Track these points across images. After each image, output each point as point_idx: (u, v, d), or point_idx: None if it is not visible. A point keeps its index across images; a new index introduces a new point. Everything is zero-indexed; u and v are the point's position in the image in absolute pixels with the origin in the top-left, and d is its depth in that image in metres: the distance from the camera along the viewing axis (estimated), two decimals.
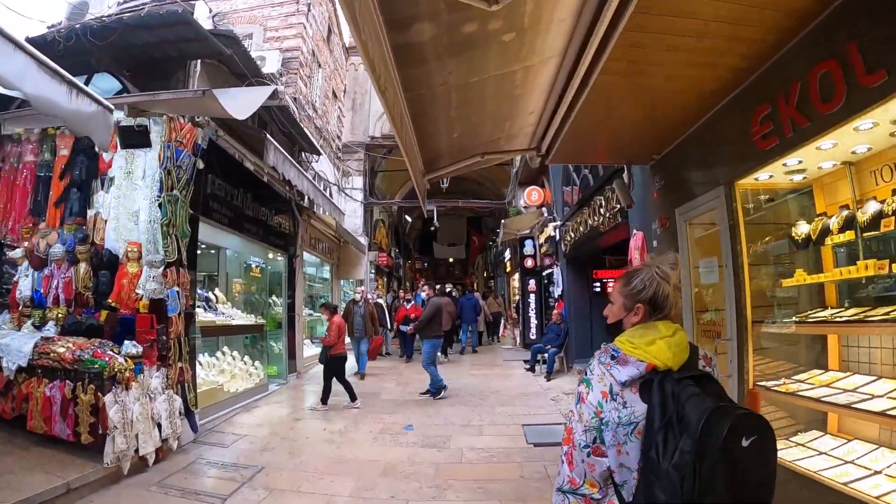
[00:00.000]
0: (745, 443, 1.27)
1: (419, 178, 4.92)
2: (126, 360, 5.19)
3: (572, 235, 9.99)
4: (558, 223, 11.49)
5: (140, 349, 5.39)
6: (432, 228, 22.04)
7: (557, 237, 11.61)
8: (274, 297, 10.94)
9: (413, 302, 13.09)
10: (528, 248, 15.60)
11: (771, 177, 4.34)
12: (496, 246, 26.69)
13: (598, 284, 9.93)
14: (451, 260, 34.50)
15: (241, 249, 9.25)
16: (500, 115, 4.46)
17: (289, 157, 7.03)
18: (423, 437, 6.04)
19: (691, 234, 5.11)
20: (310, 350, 12.29)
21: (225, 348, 8.72)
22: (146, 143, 5.17)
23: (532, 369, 10.76)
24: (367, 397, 8.08)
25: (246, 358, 8.97)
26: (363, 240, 16.22)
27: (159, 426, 5.44)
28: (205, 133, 6.60)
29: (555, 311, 10.97)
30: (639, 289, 1.60)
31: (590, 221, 8.28)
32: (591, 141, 5.11)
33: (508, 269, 22.89)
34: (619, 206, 6.82)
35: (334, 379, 7.75)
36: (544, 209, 13.07)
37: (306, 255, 12.66)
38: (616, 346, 1.54)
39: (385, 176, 22.35)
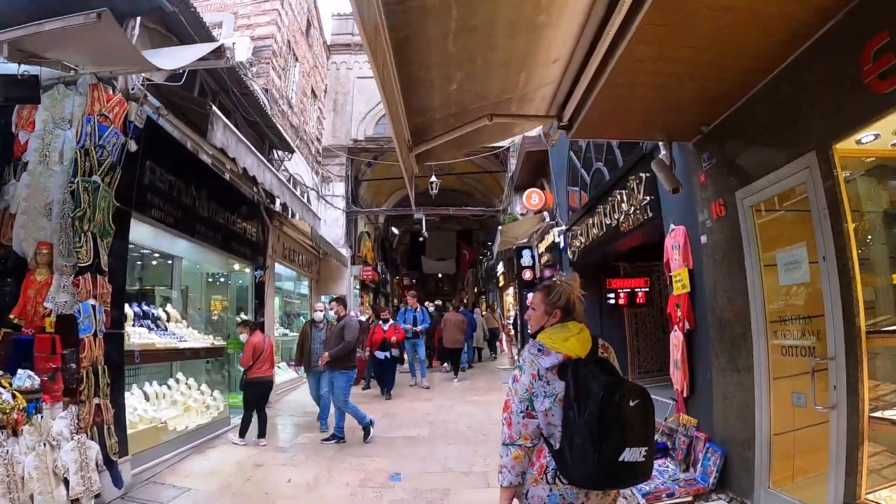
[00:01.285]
0: (632, 403, 1.96)
1: (405, 153, 3.76)
2: (15, 397, 3.95)
3: (581, 241, 8.88)
4: (563, 228, 10.39)
5: (37, 381, 4.14)
6: (420, 239, 20.92)
7: (562, 244, 10.49)
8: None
9: (392, 322, 10.74)
10: (526, 258, 14.56)
11: (877, 137, 3.30)
12: (488, 259, 25.74)
13: (612, 295, 8.78)
14: (440, 275, 33.37)
15: (198, 258, 8.02)
16: (515, 58, 3.33)
17: (244, 140, 5.85)
18: (413, 492, 4.77)
19: (760, 222, 4.01)
20: (284, 375, 11.03)
21: (179, 375, 7.46)
22: (34, 98, 4.02)
23: None
24: (346, 433, 6.83)
25: (203, 386, 7.70)
26: (345, 252, 15.01)
27: (67, 482, 4.19)
28: (141, 110, 5.44)
29: None
30: (556, 299, 2.27)
31: (606, 221, 7.17)
32: (626, 107, 4.01)
33: (502, 284, 21.82)
34: (648, 197, 5.73)
35: (266, 408, 6.92)
36: (545, 213, 11.98)
37: (280, 268, 11.46)
38: (540, 341, 2.20)
39: (370, 186, 21.25)
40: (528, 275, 14.44)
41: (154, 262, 7.96)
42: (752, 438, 4.07)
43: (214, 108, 5.10)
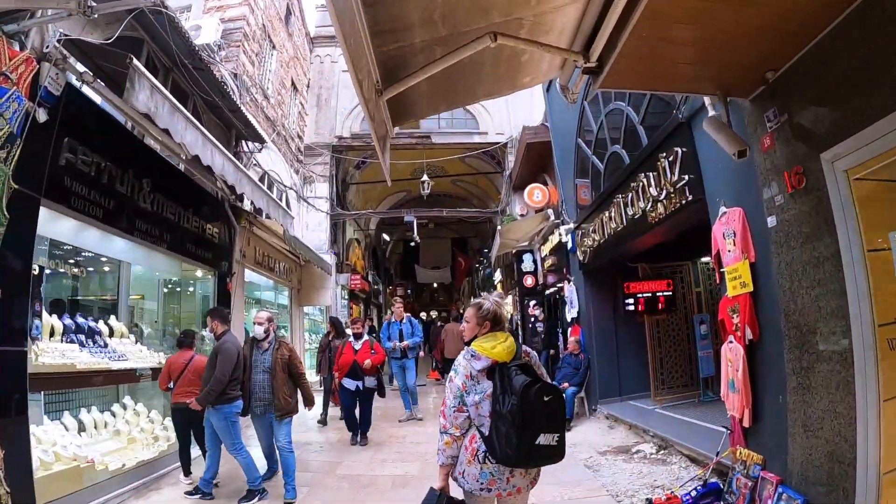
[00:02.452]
0: (546, 399, 2.44)
1: (371, 96, 2.75)
2: None
3: (595, 239, 7.90)
4: (571, 226, 9.41)
5: None
6: (412, 244, 20.01)
7: (570, 244, 9.51)
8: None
9: (367, 338, 7.65)
10: (527, 263, 13.63)
11: None
12: (484, 268, 24.83)
13: (630, 301, 7.82)
14: (435, 285, 32.40)
15: (145, 262, 6.95)
16: None
17: (182, 108, 4.79)
18: None
19: (860, 193, 3.03)
20: None
21: (127, 399, 6.41)
22: None
23: None
24: (319, 472, 5.77)
25: (154, 413, 6.64)
26: (329, 258, 13.97)
27: None
28: (59, 73, 4.45)
29: (571, 339, 8.80)
30: (485, 314, 2.74)
31: (628, 212, 6.19)
32: (674, 39, 3.03)
33: (500, 291, 20.84)
34: (687, 176, 4.76)
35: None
36: (549, 211, 11.01)
37: (253, 276, 10.42)
38: (473, 349, 2.66)
39: (360, 190, 20.32)
40: (529, 281, 13.50)
41: (102, 267, 6.92)
42: (849, 481, 3.07)
43: (136, 61, 4.09)
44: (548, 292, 12.99)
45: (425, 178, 15.19)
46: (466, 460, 2.58)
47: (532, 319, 12.25)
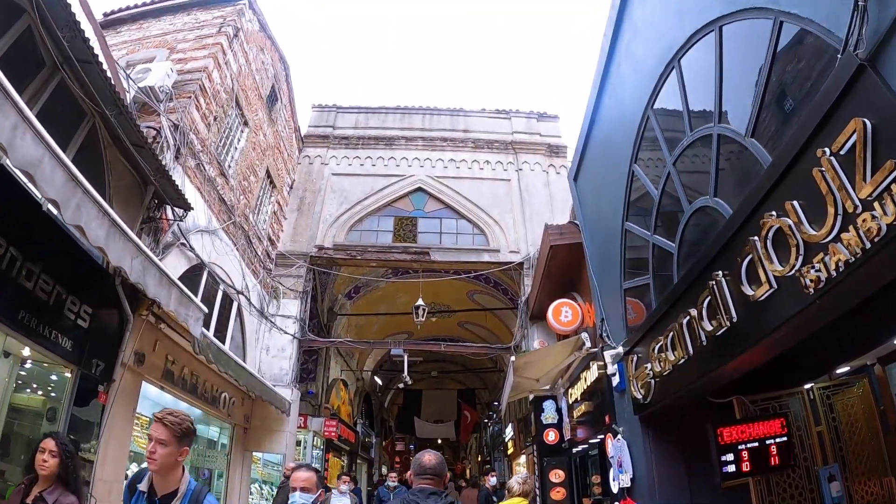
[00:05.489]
0: None
1: None
2: None
3: (666, 361, 5.37)
4: (619, 350, 6.96)
5: None
6: (401, 386, 17.58)
7: (618, 379, 7.00)
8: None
9: None
10: (549, 412, 11.05)
11: None
12: (494, 423, 22.02)
13: (730, 457, 5.12)
14: (439, 441, 29.11)
15: None
16: None
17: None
18: None
19: None
20: None
21: None
22: None
23: None
24: None
25: None
26: (289, 393, 11.31)
27: None
28: None
29: None
30: (508, 489, 5.24)
31: (748, 291, 3.78)
32: None
33: (511, 451, 17.63)
34: None
35: None
36: (584, 336, 8.58)
37: (162, 395, 7.82)
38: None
39: (351, 324, 18.29)
40: (552, 437, 10.75)
41: None
42: None
43: None
44: (575, 450, 10.16)
45: (420, 302, 12.96)
46: None
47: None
